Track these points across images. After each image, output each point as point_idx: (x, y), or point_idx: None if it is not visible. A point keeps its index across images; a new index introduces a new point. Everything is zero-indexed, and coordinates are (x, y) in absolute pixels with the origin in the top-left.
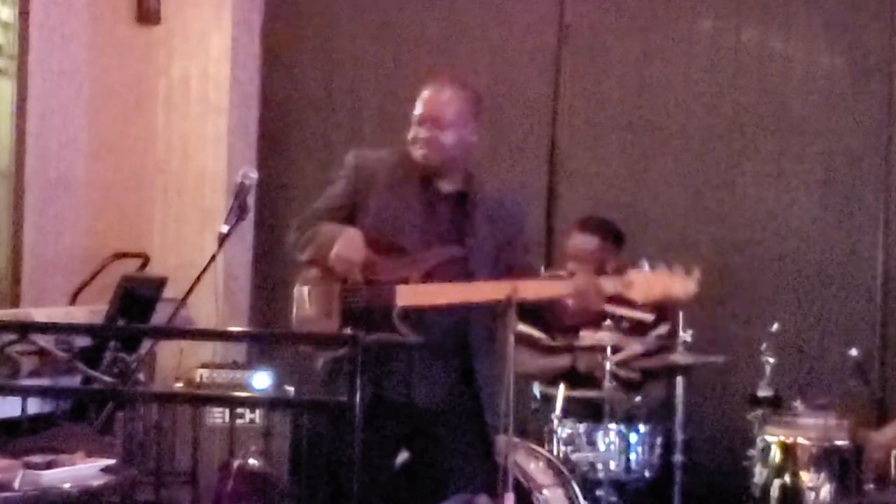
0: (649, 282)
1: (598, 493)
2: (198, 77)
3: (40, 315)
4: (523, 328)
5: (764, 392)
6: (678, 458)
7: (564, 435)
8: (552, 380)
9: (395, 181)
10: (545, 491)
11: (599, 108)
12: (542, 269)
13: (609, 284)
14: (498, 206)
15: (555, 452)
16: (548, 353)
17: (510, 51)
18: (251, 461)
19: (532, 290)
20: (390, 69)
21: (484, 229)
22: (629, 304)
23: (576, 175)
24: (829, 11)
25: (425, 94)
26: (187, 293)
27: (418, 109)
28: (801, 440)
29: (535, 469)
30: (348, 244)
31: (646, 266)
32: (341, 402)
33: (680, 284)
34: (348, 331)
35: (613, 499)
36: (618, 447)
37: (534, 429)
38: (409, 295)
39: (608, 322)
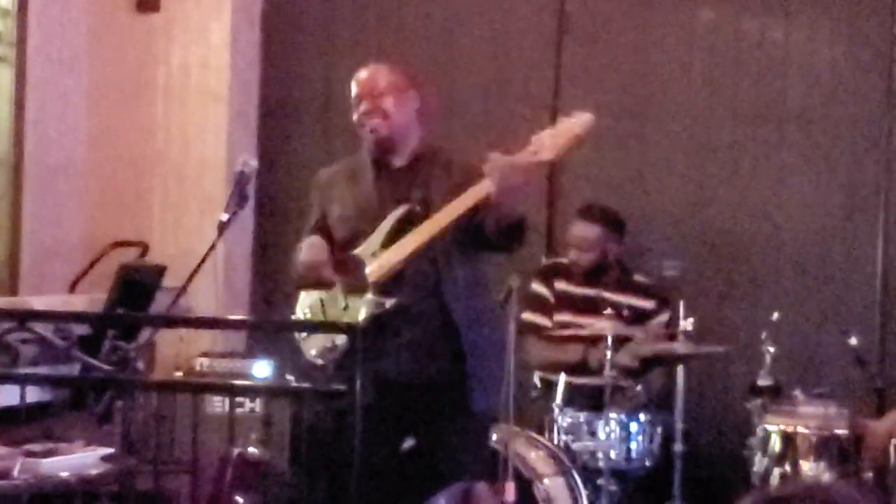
0: (552, 137)
1: (599, 482)
2: (197, 65)
3: (39, 303)
4: (527, 316)
5: (764, 381)
6: (678, 447)
7: (565, 424)
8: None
9: (350, 176)
10: (546, 480)
11: (600, 97)
12: (544, 257)
13: (521, 156)
14: (459, 164)
15: (555, 441)
16: (555, 343)
17: (511, 39)
18: (251, 450)
19: (461, 204)
20: (391, 57)
21: (438, 179)
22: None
23: (576, 164)
24: (829, 1)
25: (360, 72)
26: (187, 281)
27: (353, 91)
28: (800, 429)
29: (536, 458)
30: (310, 251)
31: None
32: (342, 390)
33: (578, 123)
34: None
35: (614, 488)
36: (618, 436)
37: (534, 418)
38: (378, 267)
39: (608, 311)
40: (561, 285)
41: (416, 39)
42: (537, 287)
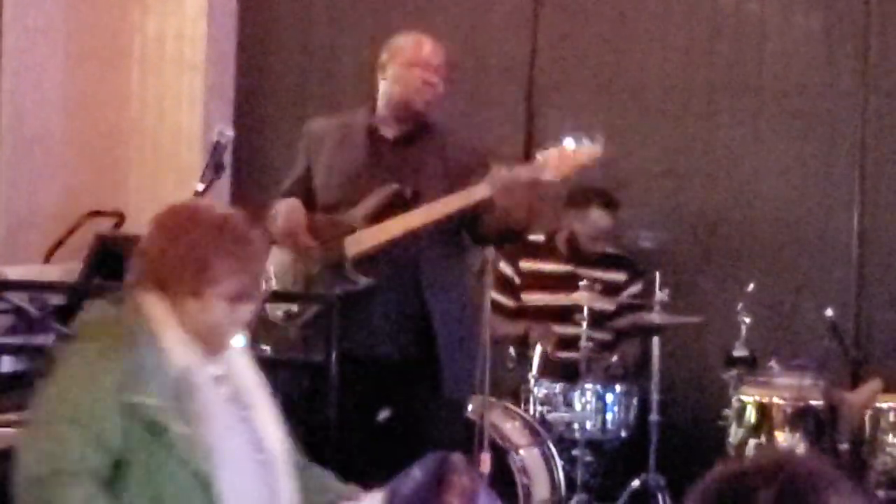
0: (559, 158)
1: (574, 452)
2: (173, 35)
3: (14, 273)
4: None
5: (739, 352)
6: (654, 417)
7: (541, 395)
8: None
9: (341, 138)
10: (521, 451)
11: (576, 69)
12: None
13: (523, 172)
14: (456, 150)
15: (531, 412)
16: (507, 317)
17: (487, 11)
18: None
19: (455, 202)
20: (368, 27)
21: (433, 166)
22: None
23: (552, 136)
24: None
25: (421, 39)
26: None
27: (416, 54)
28: (776, 400)
29: (512, 429)
30: (286, 216)
31: (550, 147)
32: (316, 361)
33: (586, 152)
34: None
35: (589, 458)
36: (594, 407)
37: (510, 389)
38: (357, 243)
39: (584, 282)
40: (528, 264)
41: (392, 10)
42: (504, 267)
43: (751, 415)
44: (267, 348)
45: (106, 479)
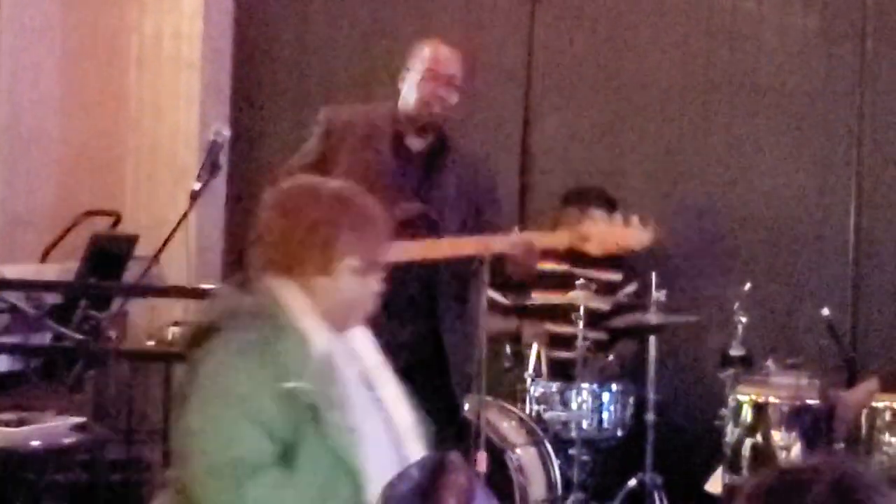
0: (605, 234)
1: (571, 451)
2: (170, 33)
3: (10, 272)
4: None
5: (736, 351)
6: (650, 417)
7: (537, 394)
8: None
9: (367, 137)
10: (518, 450)
11: (573, 69)
12: (516, 227)
13: (563, 236)
14: (471, 172)
15: (527, 411)
16: (500, 314)
17: (483, 11)
18: None
19: (472, 246)
20: (365, 26)
21: (453, 190)
22: (591, 261)
23: (549, 135)
24: None
25: (437, 50)
26: (159, 251)
27: (431, 64)
28: (772, 399)
29: (508, 428)
30: None
31: (600, 218)
32: None
33: (635, 235)
34: None
35: (586, 457)
36: (590, 406)
37: (506, 388)
38: None
39: (581, 281)
40: None
41: (389, 9)
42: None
43: (747, 414)
44: None
45: (280, 466)
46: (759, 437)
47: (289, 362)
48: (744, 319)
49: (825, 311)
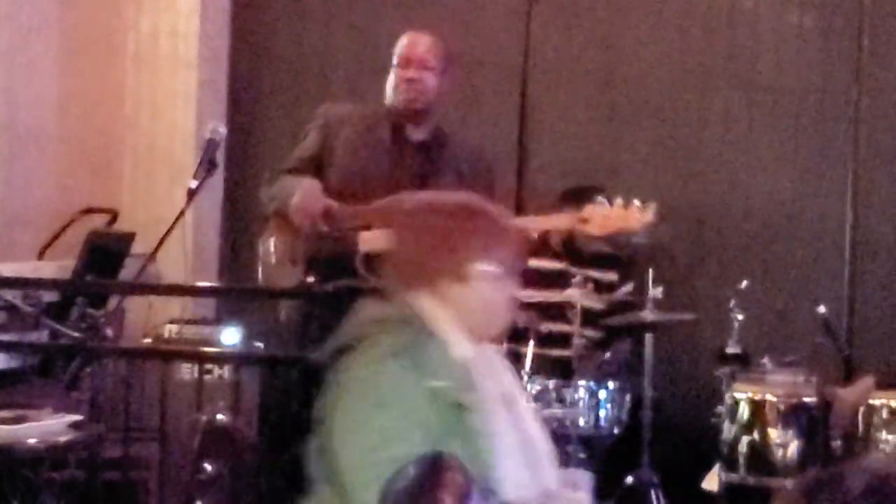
0: (605, 216)
1: (567, 449)
2: (167, 31)
3: (8, 270)
4: None
5: (732, 349)
6: (647, 414)
7: (534, 391)
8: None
9: (365, 130)
10: None
11: (570, 66)
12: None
13: (563, 220)
14: (470, 162)
15: None
16: None
17: (481, 7)
18: (220, 417)
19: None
20: (361, 24)
21: (451, 182)
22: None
23: (546, 132)
24: None
25: (406, 38)
26: (156, 248)
27: (400, 52)
28: (769, 397)
29: None
30: (306, 195)
31: (602, 201)
32: (310, 357)
33: (635, 216)
34: (311, 279)
35: (582, 455)
36: (587, 404)
37: None
38: (371, 241)
39: (577, 279)
40: None
41: (386, 8)
42: None
43: (744, 411)
44: (261, 345)
45: None
46: (755, 435)
47: (434, 365)
48: (740, 317)
49: (821, 309)
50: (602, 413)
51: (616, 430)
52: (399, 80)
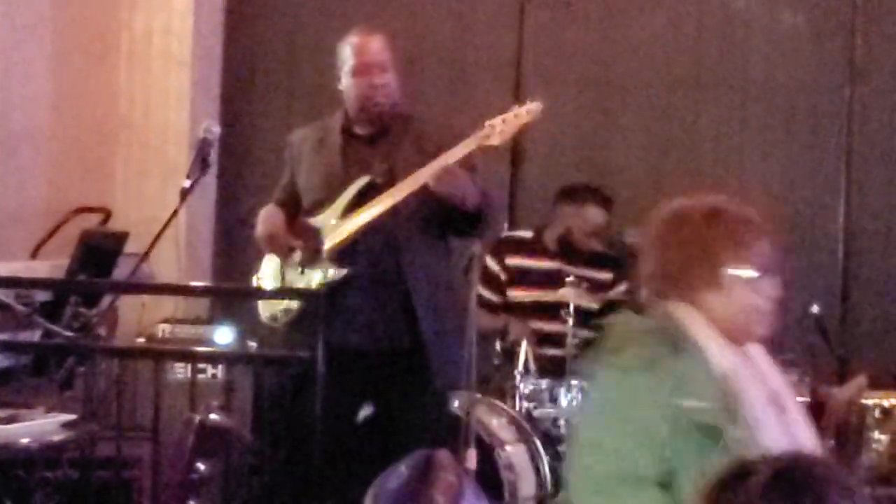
0: (503, 123)
1: (560, 448)
2: (160, 31)
3: (0, 269)
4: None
5: None
6: None
7: (527, 391)
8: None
9: (318, 141)
10: (507, 447)
11: (563, 63)
12: (507, 223)
13: (469, 142)
14: (430, 132)
15: (517, 408)
16: (489, 311)
17: (473, 7)
18: (213, 416)
19: (404, 188)
20: (355, 23)
21: (406, 150)
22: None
23: (539, 130)
24: None
25: (355, 45)
26: (149, 248)
27: (354, 59)
28: None
29: (498, 425)
30: (264, 221)
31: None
32: (303, 357)
33: (527, 110)
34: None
35: None
36: (580, 403)
37: (496, 385)
38: (334, 234)
39: (571, 279)
40: (514, 260)
41: (380, 7)
42: (489, 262)
43: None
44: (253, 344)
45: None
46: None
47: (688, 381)
48: None
49: (815, 308)
50: None
51: None
52: (365, 89)
